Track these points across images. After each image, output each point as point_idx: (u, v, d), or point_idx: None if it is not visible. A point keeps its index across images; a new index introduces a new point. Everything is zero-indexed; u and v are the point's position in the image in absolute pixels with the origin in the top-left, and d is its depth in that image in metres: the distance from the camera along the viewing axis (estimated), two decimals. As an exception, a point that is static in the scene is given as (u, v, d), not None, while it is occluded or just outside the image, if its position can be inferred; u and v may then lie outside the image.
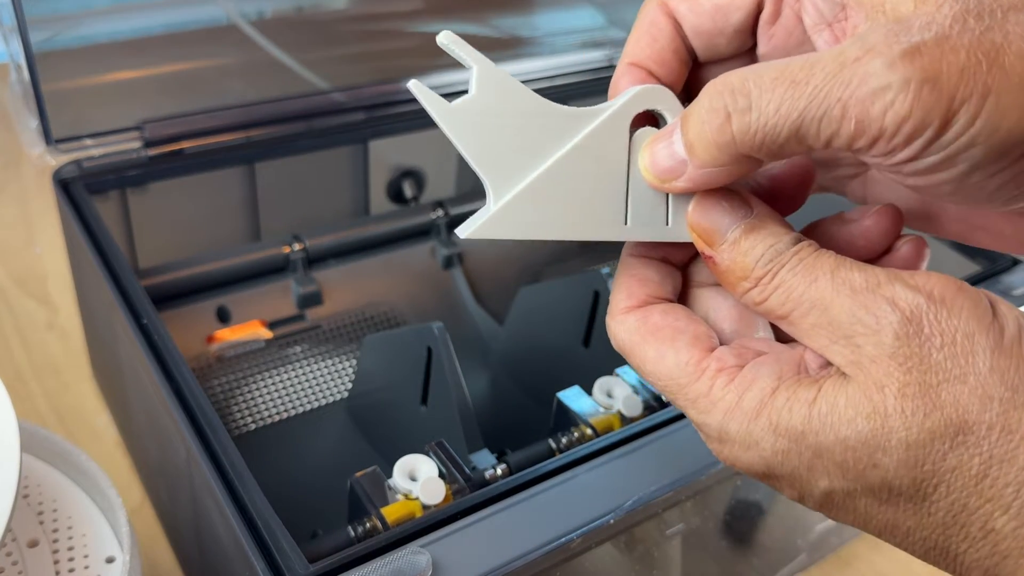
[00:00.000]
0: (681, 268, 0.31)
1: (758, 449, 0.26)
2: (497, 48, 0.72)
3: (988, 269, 0.55)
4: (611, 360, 0.51)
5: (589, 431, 0.44)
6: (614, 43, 0.76)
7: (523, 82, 0.28)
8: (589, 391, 0.46)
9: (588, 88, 0.74)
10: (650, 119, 0.29)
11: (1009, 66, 0.23)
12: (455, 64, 0.28)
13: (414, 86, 0.27)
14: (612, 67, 0.75)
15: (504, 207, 0.28)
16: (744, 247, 0.27)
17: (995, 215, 0.30)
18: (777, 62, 0.25)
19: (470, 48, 0.28)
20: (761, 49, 0.30)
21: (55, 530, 0.45)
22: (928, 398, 0.24)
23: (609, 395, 0.45)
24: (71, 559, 0.44)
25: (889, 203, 0.29)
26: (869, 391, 0.25)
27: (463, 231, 0.28)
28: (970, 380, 0.24)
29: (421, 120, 0.66)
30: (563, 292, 0.57)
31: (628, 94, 0.29)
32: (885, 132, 0.24)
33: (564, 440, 0.44)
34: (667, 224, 0.29)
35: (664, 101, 0.29)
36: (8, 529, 0.35)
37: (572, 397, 0.46)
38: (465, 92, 0.28)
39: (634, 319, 0.29)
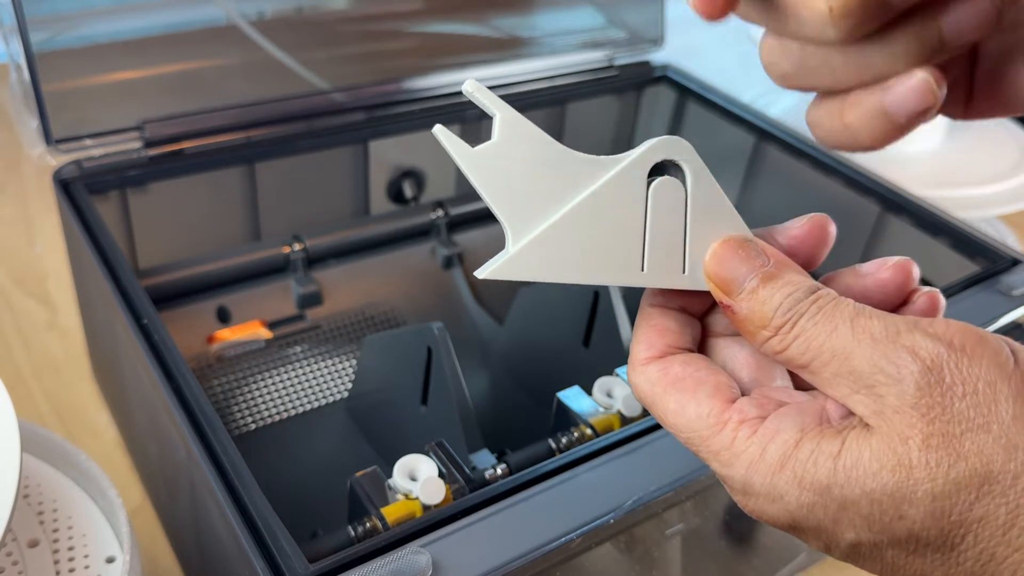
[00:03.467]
0: (700, 318, 0.31)
1: (783, 503, 0.26)
2: (497, 48, 0.72)
3: (988, 269, 0.55)
4: (611, 360, 0.52)
5: (589, 431, 0.44)
6: (614, 43, 0.76)
7: (523, 82, 0.28)
8: (589, 391, 0.46)
9: (588, 88, 0.74)
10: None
11: None
12: (455, 65, 0.29)
13: (439, 131, 0.28)
14: (612, 67, 0.75)
15: (522, 250, 0.28)
16: (762, 296, 0.27)
17: None
18: None
19: (494, 96, 0.28)
20: None
21: (55, 530, 0.45)
22: (952, 448, 0.24)
23: (609, 395, 0.45)
24: (71, 559, 0.44)
25: (906, 257, 0.29)
26: (893, 443, 0.25)
27: (481, 272, 0.28)
28: (993, 429, 0.24)
29: (421, 120, 0.67)
30: (563, 292, 0.57)
31: (646, 145, 0.29)
32: None
33: (564, 440, 0.44)
34: (683, 272, 0.30)
35: (682, 152, 0.29)
36: (8, 529, 0.35)
37: (572, 397, 0.46)
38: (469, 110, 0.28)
39: (655, 370, 0.29)
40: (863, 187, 0.64)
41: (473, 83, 0.28)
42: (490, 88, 0.28)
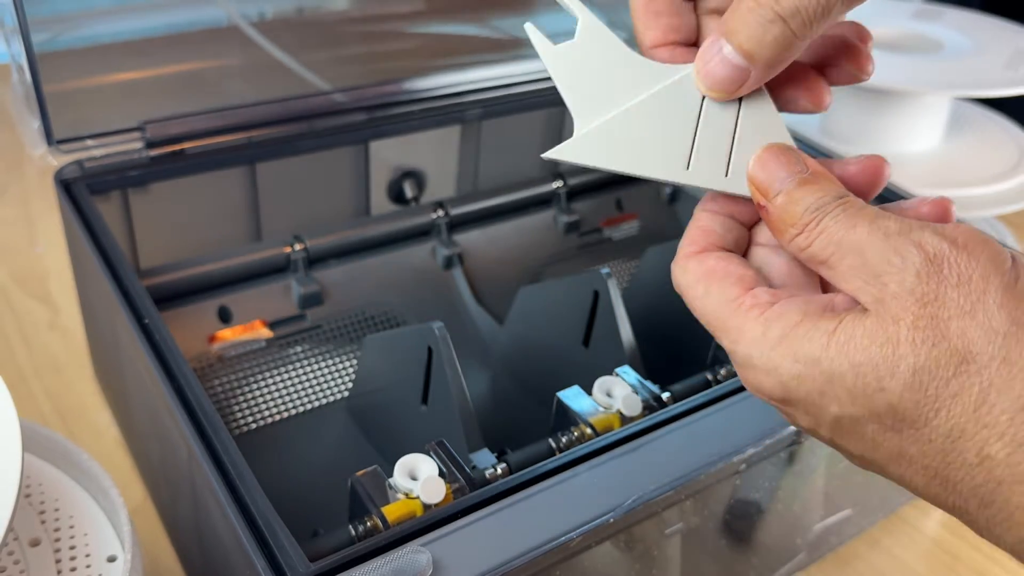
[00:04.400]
0: (747, 228, 0.34)
1: (777, 374, 0.29)
2: (497, 49, 0.72)
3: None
4: (611, 360, 0.52)
5: (589, 431, 0.44)
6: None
7: (523, 83, 0.29)
8: (589, 391, 0.46)
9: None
10: None
11: None
12: (455, 66, 0.30)
13: (529, 28, 0.33)
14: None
15: (584, 135, 0.32)
16: (795, 196, 0.30)
17: None
18: None
19: (579, 2, 0.33)
20: None
21: (57, 529, 0.45)
22: (938, 330, 0.26)
23: (609, 395, 0.46)
24: (73, 558, 0.44)
25: (944, 196, 0.32)
26: (885, 323, 0.27)
27: (549, 153, 0.32)
28: (979, 315, 0.26)
29: (422, 121, 0.67)
30: (563, 292, 0.57)
31: None
32: None
33: (564, 439, 0.44)
34: (726, 175, 0.32)
35: None
36: (10, 528, 0.35)
37: (572, 397, 0.46)
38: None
39: (693, 263, 0.32)
40: (863, 187, 0.64)
41: None
42: (490, 88, 0.30)
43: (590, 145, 0.32)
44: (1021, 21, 0.93)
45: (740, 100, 0.32)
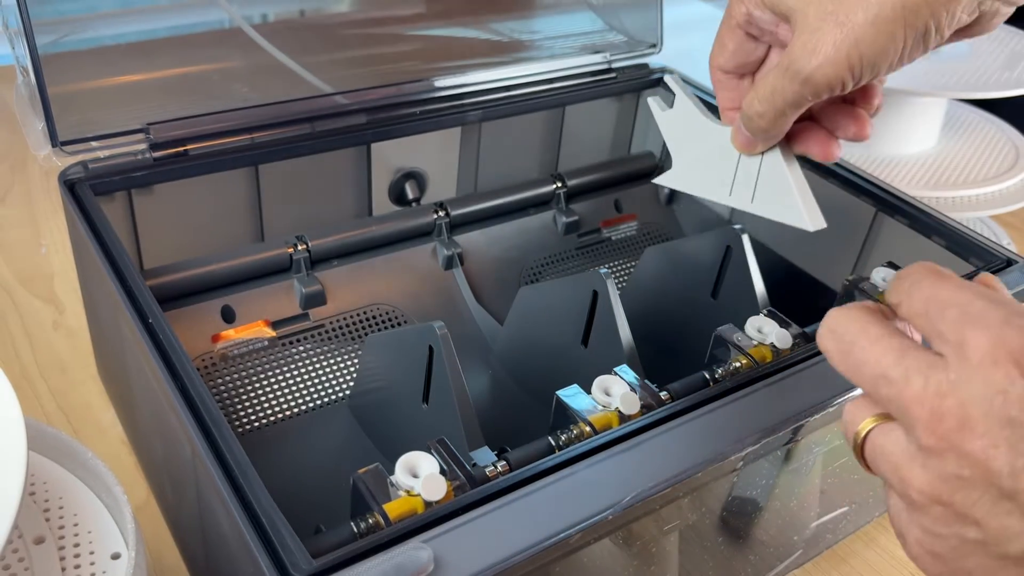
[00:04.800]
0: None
1: None
2: (498, 52, 0.72)
3: (982, 269, 0.55)
4: (609, 359, 0.52)
5: (588, 429, 0.44)
6: (612, 47, 0.77)
7: (524, 83, 0.29)
8: (588, 389, 0.46)
9: (587, 91, 0.75)
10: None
11: None
12: (455, 68, 0.31)
13: (651, 101, 0.52)
14: (611, 69, 0.76)
15: (675, 169, 0.50)
16: None
17: None
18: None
19: (682, 83, 0.50)
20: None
21: (61, 527, 0.45)
22: None
23: (607, 393, 0.46)
24: (77, 556, 0.44)
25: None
26: None
27: (656, 179, 0.52)
28: None
29: (423, 123, 0.67)
30: (563, 292, 0.57)
31: None
32: None
33: (563, 437, 0.44)
34: (751, 201, 0.47)
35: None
36: (15, 526, 0.35)
37: (571, 395, 0.46)
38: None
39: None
40: (859, 188, 0.65)
41: (674, 77, 0.51)
42: (490, 90, 0.31)
43: (677, 176, 0.50)
44: (1016, 24, 0.93)
45: (762, 153, 0.46)
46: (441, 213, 0.68)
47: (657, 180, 0.51)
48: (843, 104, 0.45)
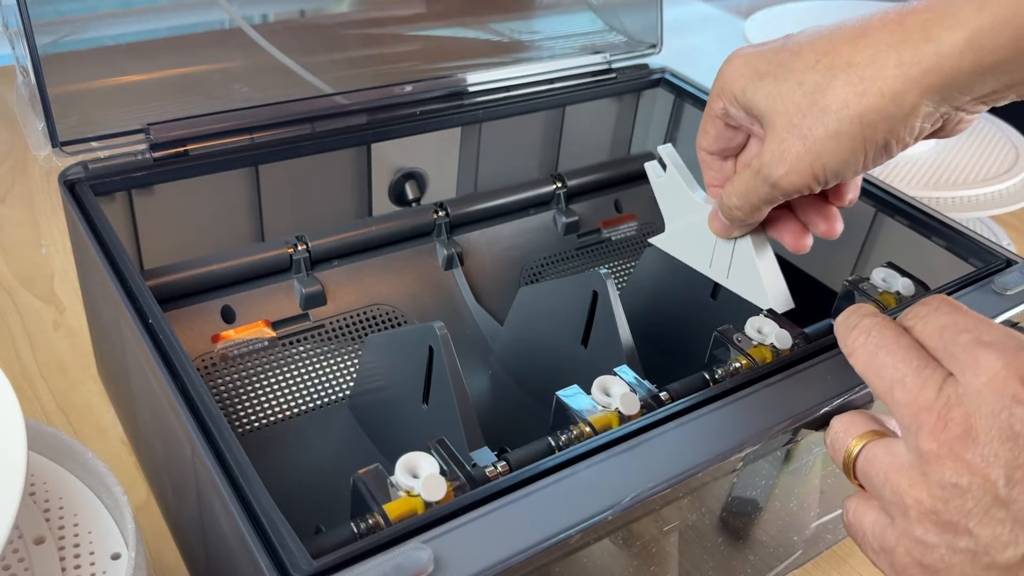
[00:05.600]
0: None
1: None
2: (498, 52, 0.72)
3: (982, 270, 0.55)
4: (609, 359, 0.52)
5: (588, 429, 0.44)
6: (612, 47, 0.77)
7: (524, 83, 0.29)
8: (588, 390, 0.46)
9: (587, 91, 0.75)
10: None
11: None
12: (456, 68, 0.31)
13: (648, 167, 0.54)
14: (610, 70, 0.76)
15: (666, 233, 0.54)
16: None
17: None
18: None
19: (677, 159, 0.53)
20: None
21: (61, 527, 0.45)
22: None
23: (607, 394, 0.46)
24: (77, 556, 0.44)
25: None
26: None
27: (652, 240, 0.55)
28: None
29: (423, 123, 0.67)
30: (563, 292, 0.57)
31: None
32: None
33: (563, 438, 0.44)
34: (727, 277, 0.51)
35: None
36: (15, 527, 0.35)
37: (571, 395, 0.46)
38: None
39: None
40: (860, 188, 0.65)
41: (667, 148, 0.53)
42: (490, 91, 0.31)
43: (668, 240, 0.54)
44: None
45: (735, 238, 0.49)
46: (441, 213, 0.68)
47: (652, 240, 0.55)
48: (817, 199, 0.46)
